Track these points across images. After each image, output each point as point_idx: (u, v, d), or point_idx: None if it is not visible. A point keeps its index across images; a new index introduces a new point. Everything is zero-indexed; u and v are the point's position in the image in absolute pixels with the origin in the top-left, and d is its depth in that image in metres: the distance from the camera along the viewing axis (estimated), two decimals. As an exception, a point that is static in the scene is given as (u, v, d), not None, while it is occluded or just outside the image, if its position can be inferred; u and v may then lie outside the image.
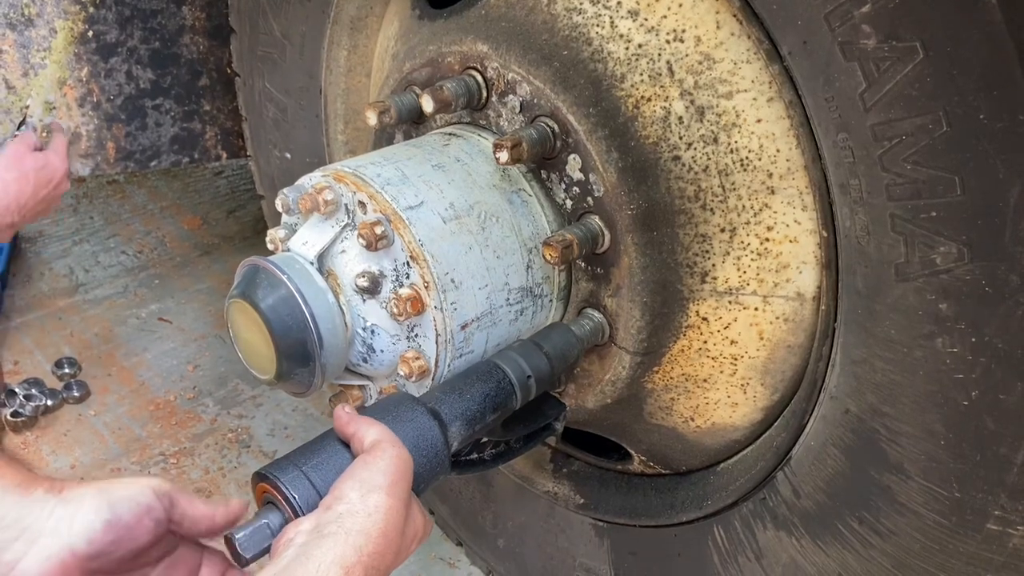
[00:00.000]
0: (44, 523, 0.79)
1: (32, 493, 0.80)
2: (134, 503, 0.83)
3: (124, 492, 0.83)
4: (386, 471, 0.87)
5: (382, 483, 0.86)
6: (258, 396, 2.31)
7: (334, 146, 1.73)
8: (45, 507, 0.79)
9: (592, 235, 1.16)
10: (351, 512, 0.83)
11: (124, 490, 0.84)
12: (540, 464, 1.61)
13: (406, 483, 0.89)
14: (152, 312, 2.61)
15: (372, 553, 0.81)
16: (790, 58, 1.00)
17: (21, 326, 2.53)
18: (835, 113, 0.97)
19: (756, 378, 1.23)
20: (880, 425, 1.05)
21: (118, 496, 0.83)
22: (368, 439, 0.91)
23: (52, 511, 0.80)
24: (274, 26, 1.71)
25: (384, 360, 1.19)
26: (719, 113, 1.11)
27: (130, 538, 0.83)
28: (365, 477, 0.86)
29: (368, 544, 0.81)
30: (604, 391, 1.28)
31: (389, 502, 0.85)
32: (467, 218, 1.18)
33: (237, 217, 3.02)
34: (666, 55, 1.13)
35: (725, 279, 1.17)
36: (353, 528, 0.81)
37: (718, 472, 1.34)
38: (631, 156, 1.13)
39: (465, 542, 1.86)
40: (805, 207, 1.11)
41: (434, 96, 1.23)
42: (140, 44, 1.97)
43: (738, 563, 1.29)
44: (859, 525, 1.11)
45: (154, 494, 0.85)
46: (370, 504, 0.84)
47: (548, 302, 1.25)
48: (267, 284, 1.11)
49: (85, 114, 1.98)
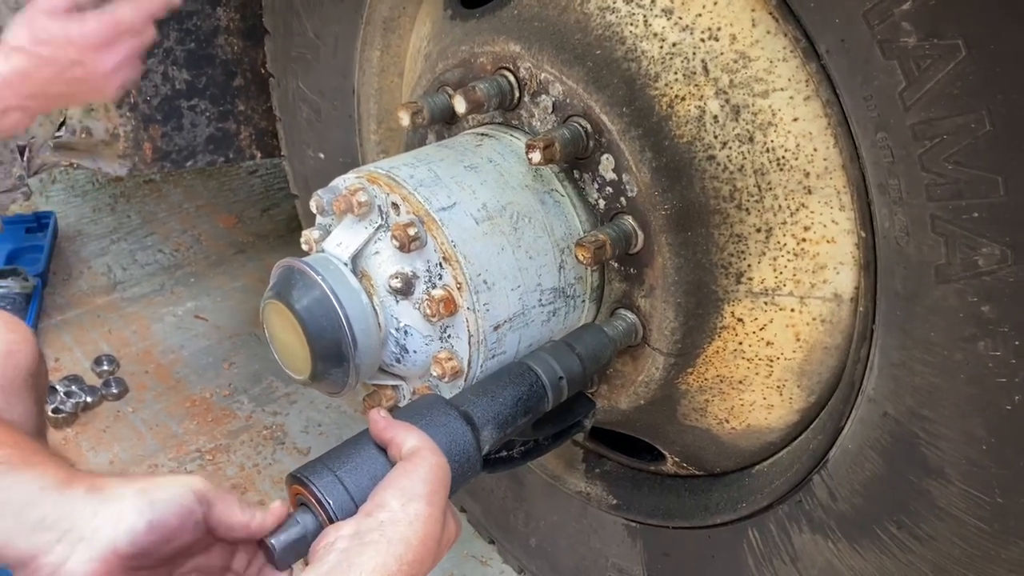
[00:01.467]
0: (87, 524, 0.79)
1: (73, 492, 0.81)
2: (176, 504, 0.84)
3: (166, 493, 0.84)
4: (426, 479, 0.88)
5: (422, 492, 0.86)
6: (292, 393, 2.34)
7: (367, 146, 1.74)
8: (87, 507, 0.80)
9: (625, 235, 1.16)
10: (393, 520, 0.84)
11: (166, 491, 0.85)
12: (572, 464, 1.61)
13: (444, 491, 0.90)
14: (188, 310, 2.64)
15: (412, 561, 0.82)
16: (827, 56, 0.98)
17: (61, 324, 2.57)
18: (874, 112, 0.95)
19: (792, 380, 1.21)
20: (919, 428, 1.03)
21: (161, 497, 0.83)
22: (407, 446, 0.92)
23: (95, 511, 0.80)
24: (307, 27, 1.72)
25: (417, 361, 1.19)
26: (755, 112, 1.10)
27: (173, 538, 0.84)
28: (406, 486, 0.87)
29: (408, 553, 0.82)
30: (637, 392, 1.28)
31: (428, 511, 0.85)
32: (499, 219, 1.18)
33: (271, 215, 3.05)
34: (701, 54, 1.12)
35: (761, 280, 1.15)
36: (395, 536, 0.82)
37: (753, 474, 1.33)
38: (665, 156, 1.12)
39: (497, 540, 1.86)
40: (843, 207, 1.09)
41: (467, 96, 1.23)
42: (176, 45, 2.00)
43: (773, 566, 1.28)
44: (897, 530, 1.10)
45: (194, 496, 0.86)
46: (411, 513, 0.84)
47: (580, 303, 1.25)
48: (302, 285, 1.12)
49: (123, 115, 2.01)
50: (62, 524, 0.78)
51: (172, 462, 2.14)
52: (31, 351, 1.18)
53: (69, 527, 0.78)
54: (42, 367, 1.22)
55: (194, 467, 2.13)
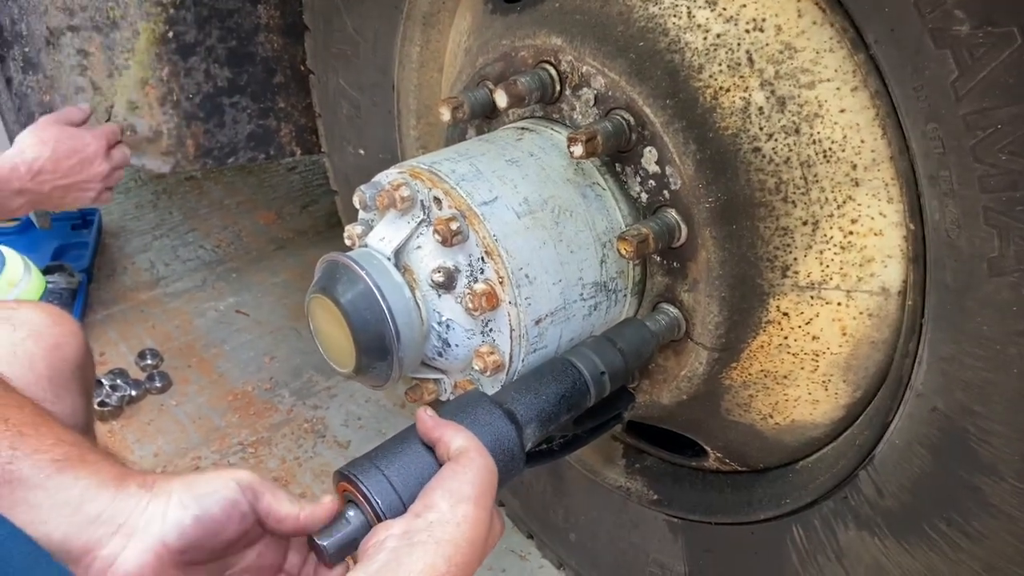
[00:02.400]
0: (139, 518, 0.81)
1: (127, 488, 0.82)
2: (220, 497, 0.85)
3: (209, 487, 0.85)
4: (474, 481, 0.88)
5: (470, 494, 0.87)
6: (332, 387, 2.36)
7: (406, 141, 1.75)
8: (140, 502, 0.82)
9: (668, 229, 1.15)
10: (441, 522, 0.85)
11: (209, 485, 0.86)
12: (612, 460, 1.60)
13: (492, 493, 0.90)
14: (230, 305, 2.68)
15: (460, 563, 0.83)
16: (876, 46, 0.97)
17: (106, 319, 2.62)
18: (924, 103, 0.93)
19: (838, 375, 1.20)
20: (970, 424, 1.02)
21: (204, 491, 0.85)
22: (454, 446, 0.92)
23: (146, 506, 0.82)
24: (347, 23, 1.73)
25: (459, 355, 1.19)
26: (801, 103, 1.09)
27: (219, 531, 0.85)
28: (455, 487, 0.88)
29: (456, 554, 0.83)
30: (680, 387, 1.27)
31: (476, 513, 0.86)
32: (541, 213, 1.18)
33: (311, 212, 3.08)
34: (745, 44, 1.10)
35: (807, 273, 1.14)
36: (443, 538, 0.83)
37: (797, 470, 1.32)
38: (709, 148, 1.11)
39: (536, 535, 1.86)
40: (891, 199, 1.08)
41: (507, 90, 1.23)
42: (218, 43, 2.02)
43: (818, 563, 1.27)
44: (947, 527, 1.08)
45: (239, 488, 0.87)
46: (459, 514, 0.85)
47: (622, 297, 1.24)
48: (346, 280, 1.13)
49: (166, 112, 2.04)
50: (117, 519, 0.80)
51: (215, 455, 2.17)
52: (79, 344, 1.20)
53: (123, 521, 0.80)
54: (89, 360, 1.24)
55: (236, 460, 2.15)
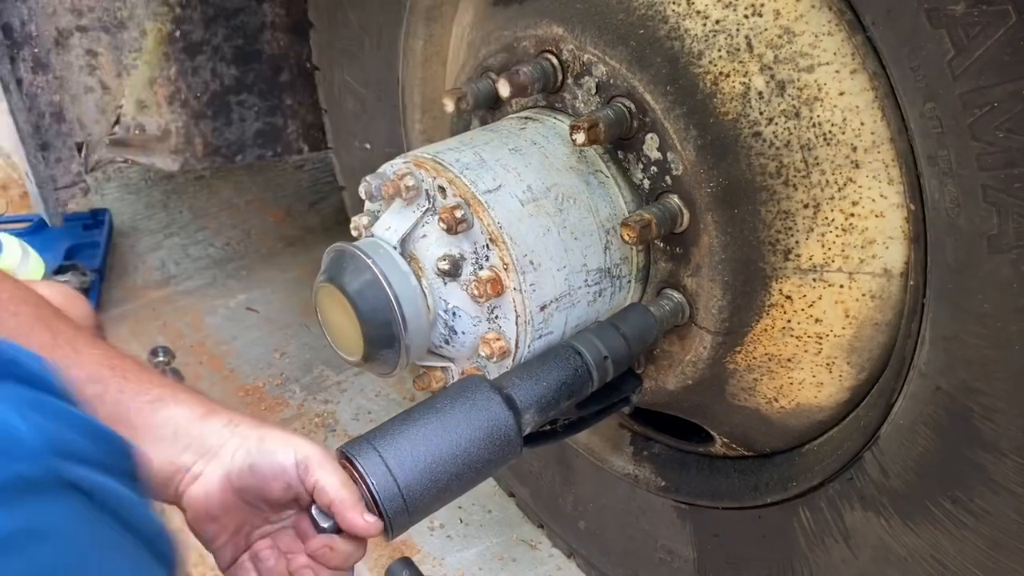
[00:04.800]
0: (220, 448, 0.90)
1: (213, 422, 0.91)
2: (274, 460, 0.90)
3: (272, 445, 0.91)
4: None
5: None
6: (343, 382, 2.37)
7: (412, 135, 1.76)
8: (222, 435, 0.90)
9: (671, 214, 1.16)
10: None
11: (273, 443, 0.91)
12: (620, 447, 1.61)
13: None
14: (240, 302, 2.70)
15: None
16: (873, 28, 0.97)
17: (118, 317, 2.65)
18: (922, 83, 0.94)
19: (842, 357, 1.20)
20: (973, 402, 1.02)
21: (267, 448, 0.91)
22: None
23: (227, 440, 0.90)
24: (352, 19, 1.75)
25: (465, 342, 1.21)
26: (800, 87, 1.10)
27: (264, 487, 0.91)
28: None
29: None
30: (685, 372, 1.28)
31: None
32: (544, 200, 1.19)
33: (319, 209, 3.10)
34: (744, 30, 1.11)
35: (809, 256, 1.15)
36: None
37: (803, 453, 1.33)
38: (710, 133, 1.12)
39: (546, 524, 1.87)
40: (891, 180, 1.09)
41: (510, 80, 1.25)
42: (224, 42, 2.04)
43: (825, 544, 1.28)
44: (952, 505, 1.09)
45: (294, 458, 0.91)
46: None
47: (626, 283, 1.26)
48: (353, 269, 1.14)
49: (174, 111, 2.06)
50: (203, 447, 0.90)
51: (227, 450, 2.19)
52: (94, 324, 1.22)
53: (207, 449, 0.90)
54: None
55: (248, 454, 2.17)
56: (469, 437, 1.02)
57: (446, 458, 1.00)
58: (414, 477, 0.97)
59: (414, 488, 0.97)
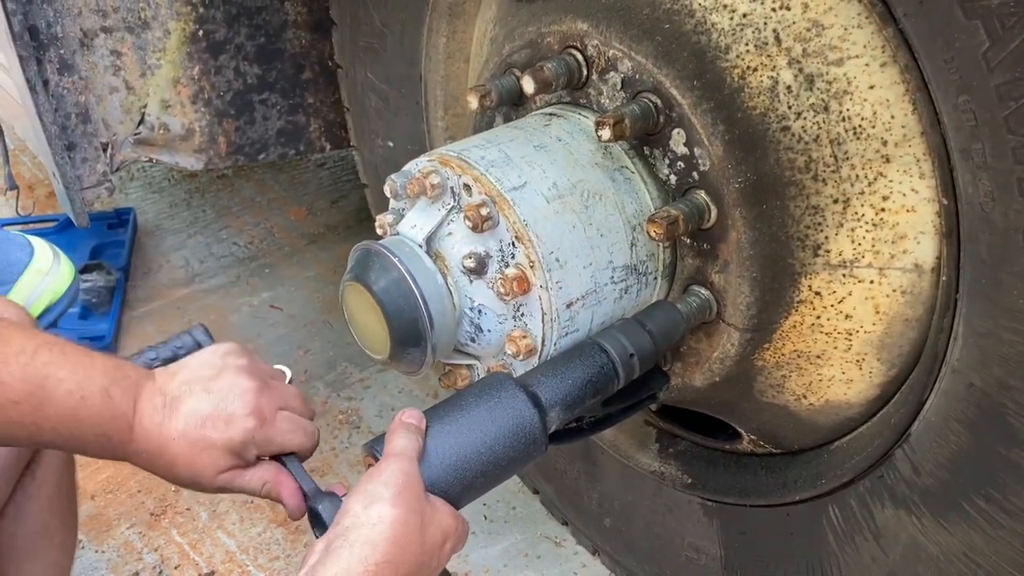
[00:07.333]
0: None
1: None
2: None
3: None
4: (388, 482, 0.91)
5: (385, 494, 0.90)
6: (366, 379, 2.38)
7: (434, 133, 1.76)
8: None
9: (698, 210, 1.15)
10: (356, 525, 0.87)
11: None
12: (646, 444, 1.61)
13: (411, 492, 0.92)
14: (264, 300, 2.71)
15: (380, 562, 0.85)
16: (905, 20, 0.96)
17: (143, 315, 2.67)
18: (955, 75, 0.93)
19: (872, 353, 1.19)
20: (1008, 399, 1.01)
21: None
22: (386, 450, 0.97)
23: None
24: (374, 16, 1.75)
25: (491, 340, 1.20)
26: (829, 81, 1.08)
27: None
28: (368, 490, 0.91)
29: (375, 553, 0.85)
30: (712, 369, 1.27)
31: (395, 512, 0.89)
32: (570, 197, 1.18)
33: (340, 207, 3.10)
34: (772, 23, 1.10)
35: (839, 252, 1.13)
36: (357, 540, 0.86)
37: (832, 450, 1.31)
38: (738, 128, 1.11)
39: (571, 521, 1.87)
40: (923, 175, 1.07)
41: (535, 77, 1.24)
42: (246, 41, 2.04)
43: (855, 542, 1.26)
44: (986, 503, 1.07)
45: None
46: (373, 515, 0.88)
47: (653, 280, 1.25)
48: (379, 267, 1.14)
49: (198, 110, 2.07)
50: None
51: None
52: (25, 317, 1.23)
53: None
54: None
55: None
56: (494, 435, 1.01)
57: (471, 456, 1.00)
58: (439, 474, 0.97)
59: (439, 485, 0.97)
